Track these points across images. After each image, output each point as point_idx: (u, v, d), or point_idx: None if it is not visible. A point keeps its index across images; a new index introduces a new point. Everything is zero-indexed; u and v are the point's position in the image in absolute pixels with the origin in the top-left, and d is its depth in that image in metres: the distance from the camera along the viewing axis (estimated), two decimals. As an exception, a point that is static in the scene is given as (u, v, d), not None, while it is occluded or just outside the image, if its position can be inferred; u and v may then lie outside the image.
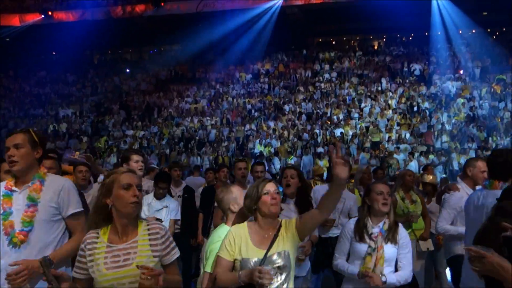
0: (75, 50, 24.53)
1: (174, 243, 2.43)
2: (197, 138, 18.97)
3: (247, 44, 23.66)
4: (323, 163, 15.11)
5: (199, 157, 17.01)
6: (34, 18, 24.58)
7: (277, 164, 15.97)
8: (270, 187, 2.74)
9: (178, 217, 5.45)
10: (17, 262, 2.55)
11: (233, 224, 2.96)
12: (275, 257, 2.64)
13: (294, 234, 2.71)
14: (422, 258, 5.14)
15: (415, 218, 5.10)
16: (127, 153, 4.46)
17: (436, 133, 16.95)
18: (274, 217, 2.74)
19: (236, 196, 3.08)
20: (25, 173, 2.73)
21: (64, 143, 19.50)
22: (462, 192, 4.32)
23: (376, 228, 3.30)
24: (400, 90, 20.48)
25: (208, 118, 20.56)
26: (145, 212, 4.85)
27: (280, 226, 2.74)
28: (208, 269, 2.82)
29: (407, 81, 21.28)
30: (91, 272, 2.26)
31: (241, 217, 3.00)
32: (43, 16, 24.37)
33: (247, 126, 19.36)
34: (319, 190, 5.10)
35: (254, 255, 2.64)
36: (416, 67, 22.03)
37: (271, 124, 19.32)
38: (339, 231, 4.85)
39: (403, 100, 19.60)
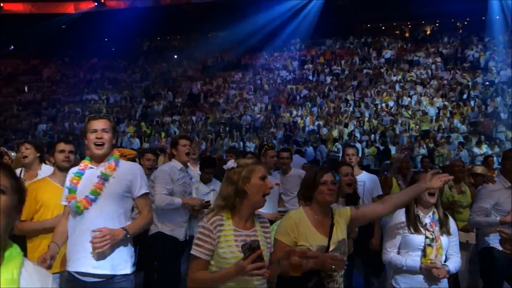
0: (125, 37, 25.23)
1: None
2: (242, 124, 19.10)
3: (294, 30, 23.45)
4: (370, 151, 14.88)
5: (243, 143, 17.16)
6: (88, 5, 25.42)
7: (323, 151, 15.82)
8: (328, 177, 2.80)
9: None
10: (100, 229, 2.80)
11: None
12: (337, 244, 2.70)
13: (347, 223, 2.81)
14: (465, 250, 4.98)
15: (458, 207, 4.99)
16: (176, 138, 4.85)
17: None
18: (329, 205, 2.82)
19: None
20: (105, 155, 2.99)
21: (118, 128, 20.20)
22: (498, 185, 4.17)
23: (427, 218, 3.24)
24: (453, 77, 19.71)
25: (253, 104, 20.63)
26: (193, 196, 4.95)
27: (333, 213, 2.82)
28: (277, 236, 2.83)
29: (461, 68, 20.42)
30: (222, 253, 2.29)
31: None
32: (96, 3, 25.13)
33: (293, 113, 19.27)
34: (365, 178, 5.07)
35: (318, 242, 2.69)
36: (471, 54, 21.09)
37: (317, 111, 19.14)
38: None
39: (456, 87, 18.84)
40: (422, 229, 3.21)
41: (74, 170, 3.04)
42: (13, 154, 6.32)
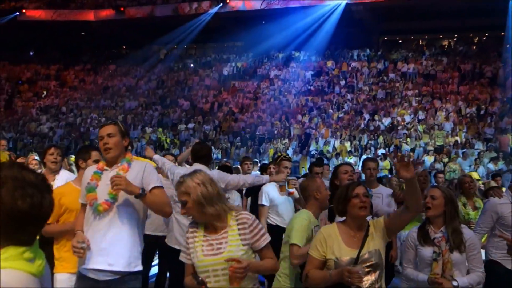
0: (143, 45, 25.60)
1: (263, 230, 2.62)
2: (257, 134, 19.17)
3: (310, 42, 23.54)
4: (384, 164, 14.80)
5: (258, 153, 17.21)
6: (107, 13, 25.85)
7: (332, 164, 15.78)
8: (359, 190, 2.82)
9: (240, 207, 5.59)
10: (120, 176, 2.91)
11: (312, 210, 3.48)
12: (367, 256, 2.72)
13: (384, 232, 2.80)
14: None
15: (474, 225, 4.93)
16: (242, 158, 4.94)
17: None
18: (363, 219, 2.83)
19: (319, 185, 3.53)
20: (116, 158, 3.09)
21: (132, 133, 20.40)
22: (504, 199, 4.14)
23: (439, 233, 3.24)
24: (470, 92, 19.56)
25: (268, 114, 20.69)
26: None
27: (369, 225, 2.83)
28: (295, 240, 3.26)
29: (478, 83, 20.25)
30: (192, 258, 2.56)
31: (320, 207, 3.54)
32: (115, 12, 25.55)
33: (307, 124, 19.28)
34: (383, 191, 5.09)
35: (347, 255, 2.73)
36: (489, 69, 20.92)
37: (332, 122, 19.12)
38: None
39: (473, 103, 18.70)
40: (431, 243, 3.24)
41: (92, 169, 3.15)
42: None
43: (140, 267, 3.03)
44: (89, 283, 2.93)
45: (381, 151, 16.20)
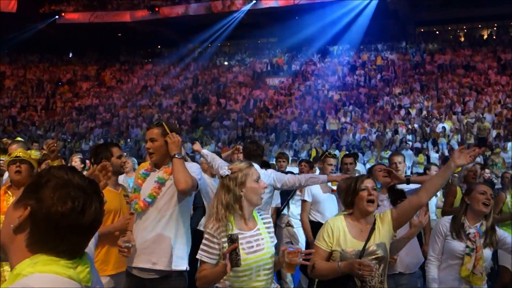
0: (178, 44, 25.98)
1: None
2: (290, 130, 19.15)
3: (345, 36, 23.29)
4: (418, 158, 14.58)
5: (293, 150, 17.19)
6: (142, 14, 26.32)
7: (366, 158, 15.63)
8: (368, 183, 2.78)
9: (279, 205, 5.62)
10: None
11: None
12: (373, 248, 2.70)
13: (390, 226, 2.77)
14: None
15: None
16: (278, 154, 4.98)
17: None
18: (369, 213, 2.79)
19: None
20: (162, 160, 3.13)
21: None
22: None
23: (473, 228, 3.20)
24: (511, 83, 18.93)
25: (303, 110, 20.63)
26: None
27: (375, 219, 2.80)
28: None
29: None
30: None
31: None
32: (150, 12, 26.00)
33: (342, 119, 19.12)
34: (405, 187, 5.01)
35: (353, 247, 2.71)
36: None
37: (367, 117, 18.90)
38: None
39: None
40: (464, 238, 3.20)
41: (141, 170, 3.22)
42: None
43: (184, 267, 3.05)
44: (135, 281, 3.02)
45: (417, 145, 15.92)
